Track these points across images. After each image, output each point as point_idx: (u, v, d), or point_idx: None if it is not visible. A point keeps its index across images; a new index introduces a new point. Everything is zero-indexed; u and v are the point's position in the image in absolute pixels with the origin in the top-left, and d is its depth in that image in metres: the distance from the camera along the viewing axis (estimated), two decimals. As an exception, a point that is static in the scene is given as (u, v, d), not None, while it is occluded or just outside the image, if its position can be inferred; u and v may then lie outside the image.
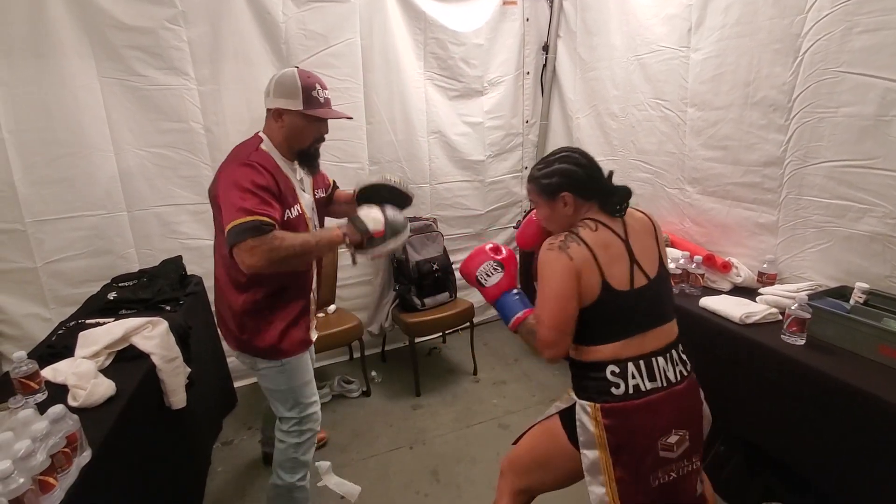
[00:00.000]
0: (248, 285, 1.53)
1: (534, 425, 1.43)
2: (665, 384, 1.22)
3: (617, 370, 1.21)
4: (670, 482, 1.22)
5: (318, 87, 1.52)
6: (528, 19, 3.18)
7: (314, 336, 1.74)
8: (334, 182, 1.91)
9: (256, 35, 2.48)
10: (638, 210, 1.39)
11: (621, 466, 1.19)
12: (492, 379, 2.91)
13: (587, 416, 1.22)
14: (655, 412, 1.21)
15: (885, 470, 1.32)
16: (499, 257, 1.45)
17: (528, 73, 3.30)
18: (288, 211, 1.50)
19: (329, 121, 1.59)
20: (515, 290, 1.43)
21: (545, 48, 3.25)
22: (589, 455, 1.22)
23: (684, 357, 1.31)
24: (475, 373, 2.95)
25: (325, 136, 1.61)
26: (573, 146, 1.40)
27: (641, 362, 1.21)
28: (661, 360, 1.24)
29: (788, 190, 1.93)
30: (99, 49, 2.19)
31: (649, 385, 1.21)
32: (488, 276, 1.43)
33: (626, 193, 1.32)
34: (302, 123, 1.52)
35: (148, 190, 2.41)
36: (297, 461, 1.71)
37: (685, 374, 1.28)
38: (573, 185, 1.30)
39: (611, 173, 1.36)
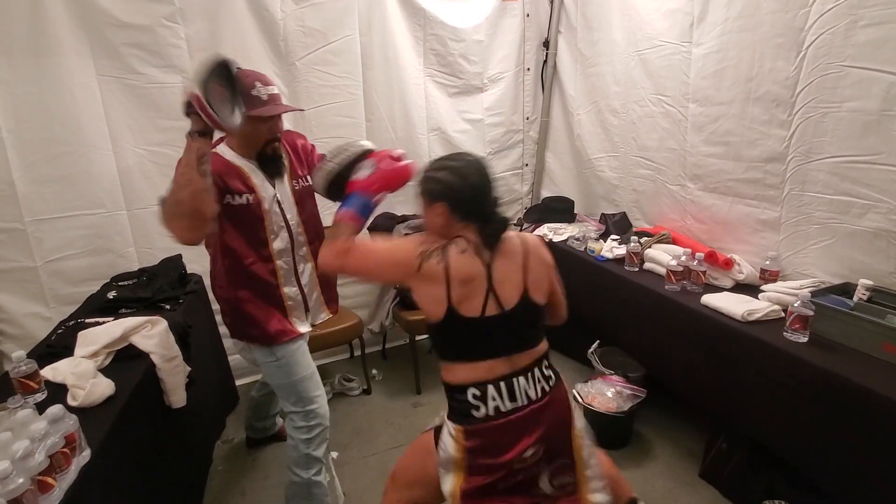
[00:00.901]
0: (224, 276, 1.59)
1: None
2: (526, 402, 1.21)
3: (478, 393, 1.20)
4: (516, 483, 1.23)
5: (258, 84, 1.48)
6: (528, 15, 3.16)
7: (302, 329, 1.71)
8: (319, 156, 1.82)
9: (255, 32, 2.47)
10: (524, 234, 1.34)
11: (472, 483, 1.20)
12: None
13: (451, 439, 1.22)
14: (515, 430, 1.20)
15: (887, 467, 1.32)
16: (384, 162, 1.34)
17: (528, 69, 3.27)
18: (230, 196, 1.50)
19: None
20: (365, 194, 1.30)
21: (545, 44, 3.23)
22: (444, 477, 1.23)
23: (548, 372, 1.28)
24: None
25: (279, 132, 1.56)
26: (478, 156, 1.31)
27: (502, 384, 1.21)
28: (521, 379, 1.22)
29: (791, 186, 1.92)
30: (97, 47, 2.18)
31: (510, 405, 1.20)
32: (359, 169, 1.34)
33: (500, 226, 1.25)
34: (249, 125, 1.45)
35: (147, 188, 2.40)
36: (310, 457, 1.72)
37: (547, 389, 1.25)
38: (451, 198, 1.22)
39: (496, 199, 1.27)
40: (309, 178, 1.70)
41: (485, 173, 1.27)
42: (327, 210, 2.65)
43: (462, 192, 1.22)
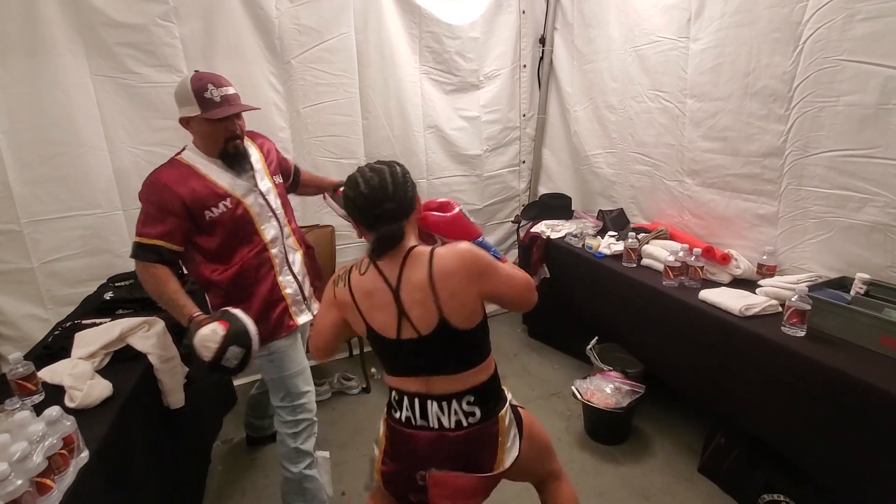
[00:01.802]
0: (219, 282, 1.62)
1: None
2: (437, 427, 1.21)
3: (397, 397, 1.26)
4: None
5: (210, 87, 1.50)
6: (524, 11, 3.16)
7: (302, 320, 1.75)
8: (296, 167, 1.97)
9: (250, 31, 2.46)
10: (440, 252, 1.18)
11: (385, 465, 1.29)
12: (492, 374, 2.90)
13: (382, 426, 1.33)
14: (420, 446, 1.22)
15: (885, 461, 1.32)
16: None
17: (524, 66, 3.27)
18: (208, 211, 1.54)
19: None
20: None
21: (542, 41, 3.22)
22: (374, 448, 1.35)
23: (469, 409, 1.21)
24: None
25: (240, 133, 1.59)
26: (390, 166, 1.21)
27: (416, 399, 1.23)
28: (434, 405, 1.21)
29: (789, 180, 1.92)
30: (91, 47, 2.17)
31: (420, 422, 1.23)
32: None
33: (384, 240, 1.17)
34: (206, 127, 1.53)
35: (143, 188, 2.39)
36: (299, 451, 1.75)
37: (464, 424, 1.21)
38: (349, 208, 1.20)
39: (390, 210, 1.17)
40: (280, 178, 1.79)
41: (380, 184, 1.16)
42: (321, 210, 2.67)
43: (355, 201, 1.17)
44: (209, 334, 1.40)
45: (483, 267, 1.18)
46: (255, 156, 1.69)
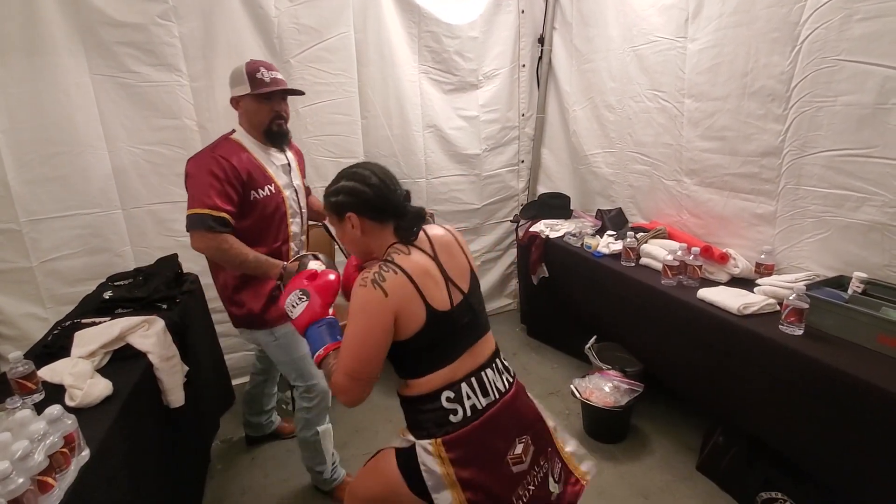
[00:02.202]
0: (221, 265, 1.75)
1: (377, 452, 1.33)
2: (497, 396, 1.21)
3: (452, 395, 1.16)
4: (531, 497, 1.19)
5: (262, 69, 1.69)
6: (523, 11, 3.16)
7: None
8: (308, 189, 2.07)
9: (249, 30, 2.46)
10: (438, 226, 1.30)
11: (479, 499, 1.13)
12: (491, 373, 2.91)
13: (430, 457, 1.14)
14: (496, 427, 1.19)
15: (883, 459, 1.33)
16: (307, 284, 1.29)
17: (523, 65, 3.27)
18: (255, 192, 1.68)
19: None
20: (321, 322, 1.25)
21: (541, 40, 3.23)
22: (441, 498, 1.13)
23: (506, 364, 1.30)
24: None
25: (285, 113, 1.76)
26: (370, 162, 1.28)
27: (473, 379, 1.19)
28: (489, 371, 1.22)
29: (787, 180, 1.93)
30: (90, 46, 2.17)
31: (484, 402, 1.18)
32: (293, 306, 1.28)
33: (417, 216, 1.22)
34: (254, 105, 1.70)
35: (142, 188, 2.39)
36: (310, 421, 1.91)
37: (511, 380, 1.27)
38: (358, 205, 1.20)
39: (407, 193, 1.25)
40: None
41: (384, 172, 1.24)
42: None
43: (364, 194, 1.19)
44: (320, 263, 1.56)
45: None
46: (290, 157, 1.85)
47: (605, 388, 2.21)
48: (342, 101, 2.73)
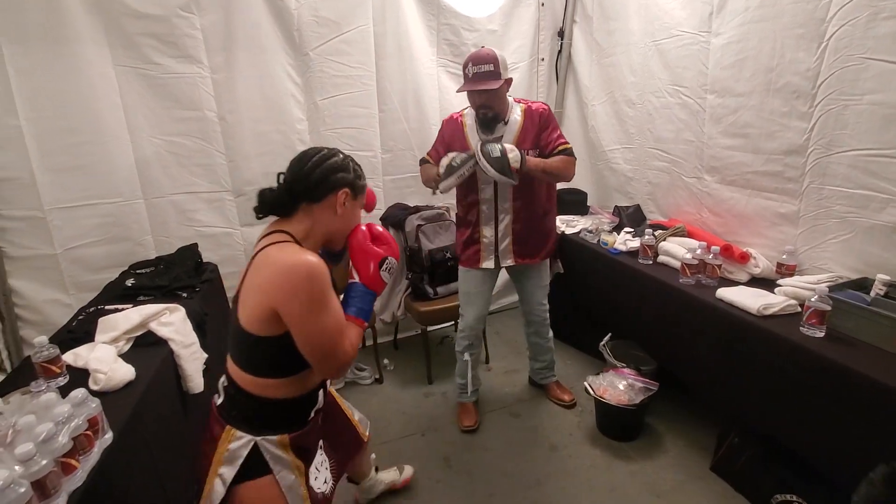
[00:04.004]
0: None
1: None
2: (322, 403, 1.36)
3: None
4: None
5: (469, 64, 1.96)
6: (543, 4, 3.12)
7: (485, 265, 2.23)
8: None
9: (269, 22, 2.47)
10: (274, 255, 1.14)
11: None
12: (503, 368, 2.91)
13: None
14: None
15: (904, 464, 1.31)
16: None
17: (542, 59, 3.24)
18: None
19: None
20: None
21: (560, 34, 3.19)
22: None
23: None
24: (487, 361, 2.96)
25: (487, 104, 2.00)
26: (333, 149, 1.27)
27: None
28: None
29: (811, 179, 1.89)
30: (113, 37, 2.20)
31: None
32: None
33: (259, 196, 1.21)
34: (468, 96, 2.04)
35: (164, 178, 2.43)
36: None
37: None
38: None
39: (287, 180, 1.22)
40: (533, 151, 2.08)
41: (301, 156, 1.24)
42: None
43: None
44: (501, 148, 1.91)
45: (298, 291, 1.07)
46: (514, 125, 2.07)
47: (619, 385, 2.20)
48: (360, 95, 2.74)
